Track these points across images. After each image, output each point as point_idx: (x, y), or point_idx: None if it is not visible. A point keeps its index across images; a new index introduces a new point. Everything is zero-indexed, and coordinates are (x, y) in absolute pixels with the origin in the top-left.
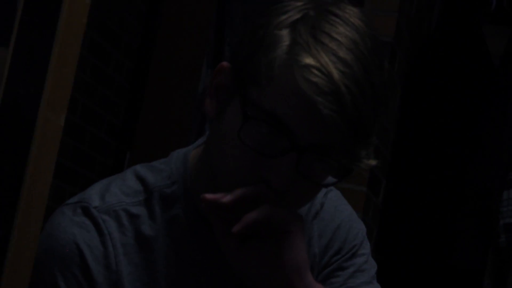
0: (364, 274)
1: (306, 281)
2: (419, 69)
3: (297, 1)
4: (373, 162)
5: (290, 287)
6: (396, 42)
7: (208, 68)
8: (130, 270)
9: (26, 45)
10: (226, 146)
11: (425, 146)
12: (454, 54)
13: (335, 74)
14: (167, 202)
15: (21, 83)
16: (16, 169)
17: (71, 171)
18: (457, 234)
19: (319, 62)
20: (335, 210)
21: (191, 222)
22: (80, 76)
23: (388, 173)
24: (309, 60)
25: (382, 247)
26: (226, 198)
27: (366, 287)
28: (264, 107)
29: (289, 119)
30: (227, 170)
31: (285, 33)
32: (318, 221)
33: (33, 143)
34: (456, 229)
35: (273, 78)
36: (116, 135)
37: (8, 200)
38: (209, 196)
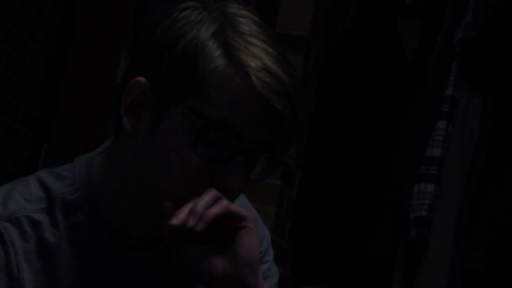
0: (267, 281)
1: (258, 277)
2: (334, 64)
3: (195, 9)
4: (295, 154)
5: (243, 283)
6: (312, 37)
7: (126, 59)
8: (31, 277)
9: None
10: (171, 161)
11: (339, 140)
12: (369, 49)
13: (281, 74)
14: (69, 209)
15: None
16: None
17: None
18: (369, 227)
19: (265, 64)
20: None
21: (94, 229)
22: None
23: (303, 166)
24: (255, 63)
25: (295, 240)
26: (199, 226)
27: None
28: (212, 116)
29: (238, 123)
30: (173, 183)
31: (212, 42)
32: None
33: None
34: (368, 222)
35: (220, 86)
36: (33, 126)
37: None
38: (176, 221)
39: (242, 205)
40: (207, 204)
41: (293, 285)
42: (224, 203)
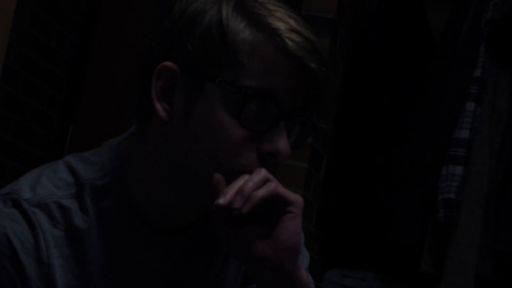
0: None
1: (297, 263)
2: (361, 45)
3: None
4: (327, 117)
5: (281, 267)
6: (338, 18)
7: None
8: (61, 263)
9: None
10: (215, 138)
11: (366, 122)
12: (396, 30)
13: (309, 34)
14: (98, 195)
15: None
16: None
17: (13, 146)
18: (397, 209)
19: (292, 26)
20: None
21: (124, 215)
22: (21, 50)
23: (330, 149)
24: (284, 26)
25: (323, 222)
26: (246, 207)
27: None
28: (251, 85)
29: (275, 89)
30: (219, 160)
31: (236, 15)
32: None
33: None
34: (396, 204)
35: (253, 54)
36: (59, 109)
37: None
38: (223, 201)
39: None
40: (256, 186)
41: (320, 268)
42: (272, 186)
